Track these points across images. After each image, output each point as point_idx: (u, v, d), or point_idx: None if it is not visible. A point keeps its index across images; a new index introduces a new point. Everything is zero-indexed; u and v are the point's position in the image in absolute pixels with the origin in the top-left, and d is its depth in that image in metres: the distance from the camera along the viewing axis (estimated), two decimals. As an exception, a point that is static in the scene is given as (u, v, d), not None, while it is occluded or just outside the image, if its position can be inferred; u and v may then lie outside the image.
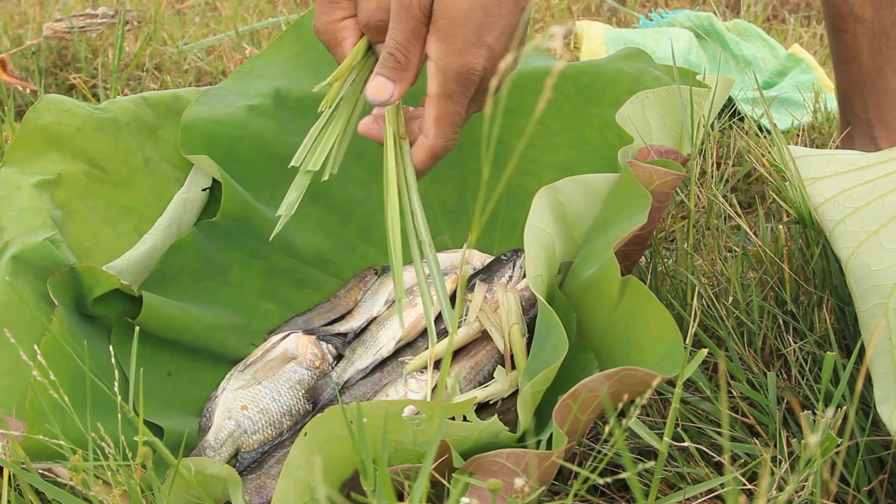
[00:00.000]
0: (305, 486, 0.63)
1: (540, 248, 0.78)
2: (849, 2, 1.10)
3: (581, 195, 0.82)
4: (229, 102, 1.01)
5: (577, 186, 0.82)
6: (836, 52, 1.14)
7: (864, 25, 1.10)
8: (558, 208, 0.81)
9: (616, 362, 0.71)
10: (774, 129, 0.92)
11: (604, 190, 0.83)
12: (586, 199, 0.82)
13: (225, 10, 2.13)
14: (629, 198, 0.77)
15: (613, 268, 0.71)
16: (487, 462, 0.63)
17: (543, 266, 0.77)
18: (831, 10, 1.12)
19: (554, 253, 0.80)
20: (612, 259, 0.71)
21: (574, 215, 0.82)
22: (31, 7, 2.09)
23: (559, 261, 0.82)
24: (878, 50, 1.11)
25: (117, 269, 0.87)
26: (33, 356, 0.68)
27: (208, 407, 0.87)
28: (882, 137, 1.14)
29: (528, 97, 1.06)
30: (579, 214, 0.82)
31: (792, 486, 0.55)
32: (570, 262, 0.83)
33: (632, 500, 0.75)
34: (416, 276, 0.77)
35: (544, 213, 0.80)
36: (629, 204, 0.76)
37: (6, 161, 0.89)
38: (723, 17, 2.21)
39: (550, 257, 0.80)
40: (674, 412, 0.59)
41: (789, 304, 0.88)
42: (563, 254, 0.82)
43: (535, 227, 0.79)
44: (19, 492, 0.73)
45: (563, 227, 0.82)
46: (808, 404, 0.80)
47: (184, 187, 0.97)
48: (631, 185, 0.77)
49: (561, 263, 0.82)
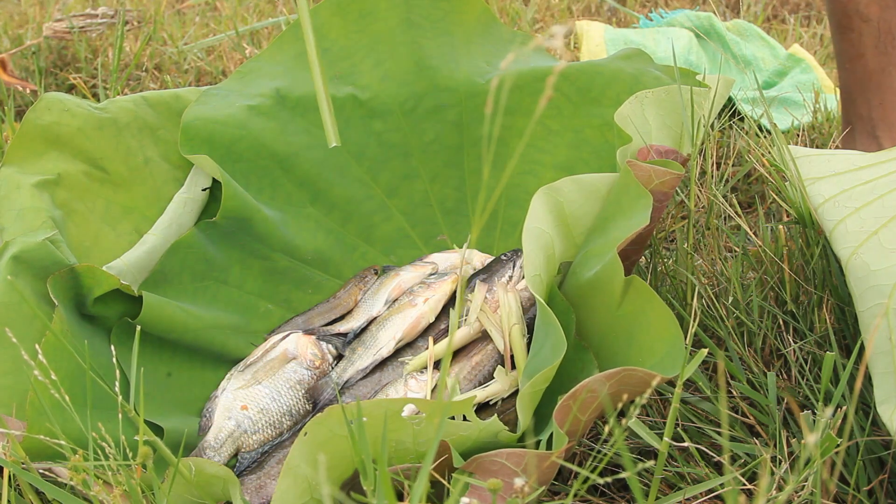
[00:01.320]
0: (305, 485, 0.63)
1: (539, 248, 0.78)
2: (854, 1, 1.10)
3: (580, 195, 0.82)
4: (229, 102, 1.01)
5: (576, 186, 0.82)
6: (841, 51, 1.14)
7: (869, 25, 1.10)
8: (557, 208, 0.81)
9: (617, 363, 0.71)
10: (774, 128, 0.92)
11: (603, 189, 0.83)
12: (585, 198, 0.82)
13: (225, 10, 2.13)
14: (628, 197, 0.77)
15: (617, 268, 0.71)
16: (487, 462, 0.63)
17: (542, 266, 0.77)
18: (837, 8, 1.12)
19: (553, 253, 0.80)
20: (615, 259, 0.71)
21: (573, 215, 0.82)
22: (31, 7, 2.09)
23: (559, 261, 0.82)
24: (882, 49, 1.11)
25: (117, 269, 0.87)
26: (34, 355, 0.68)
27: (208, 407, 0.87)
28: (885, 136, 1.14)
29: (527, 97, 1.06)
30: (578, 214, 0.82)
31: (791, 485, 0.55)
32: (570, 262, 0.83)
33: (632, 500, 0.75)
34: (416, 276, 0.77)
35: (543, 213, 0.80)
36: (629, 204, 0.76)
37: (6, 161, 0.89)
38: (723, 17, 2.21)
39: (549, 257, 0.79)
40: (673, 412, 0.59)
41: (789, 304, 0.88)
42: (562, 254, 0.82)
43: (533, 228, 0.78)
44: (19, 491, 0.73)
45: (563, 227, 0.82)
46: (808, 404, 0.80)
47: (184, 187, 0.97)
48: (630, 185, 0.77)
49: (560, 264, 0.82)
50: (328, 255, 1.02)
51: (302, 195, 1.02)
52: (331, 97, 1.05)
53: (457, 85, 1.07)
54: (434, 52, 1.08)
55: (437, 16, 1.09)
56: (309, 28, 0.79)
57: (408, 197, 1.07)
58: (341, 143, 1.04)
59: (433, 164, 1.07)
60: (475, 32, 1.11)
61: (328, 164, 1.04)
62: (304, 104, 1.04)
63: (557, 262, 0.81)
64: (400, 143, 1.07)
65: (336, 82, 1.06)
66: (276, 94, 1.03)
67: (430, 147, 1.07)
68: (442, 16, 1.09)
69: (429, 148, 1.07)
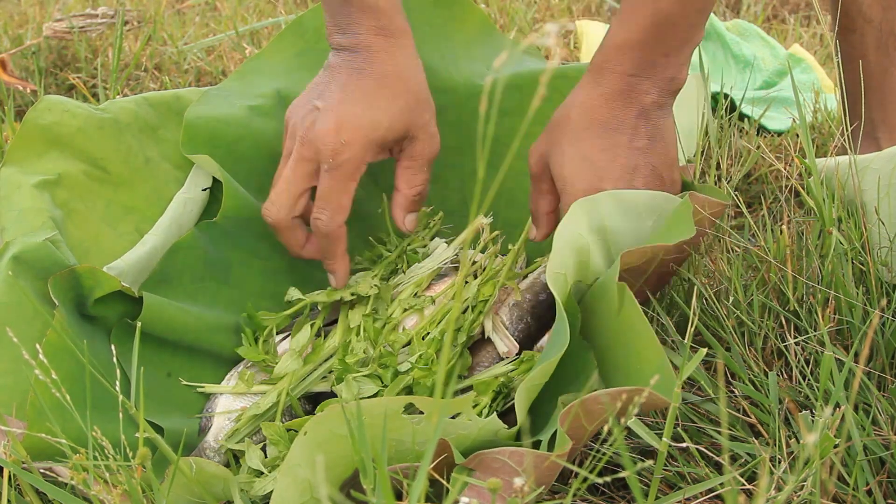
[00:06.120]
0: (305, 485, 0.63)
1: (571, 249, 0.75)
2: (857, 1, 1.10)
3: (618, 210, 0.79)
4: (231, 102, 1.01)
5: (615, 202, 0.79)
6: (842, 52, 1.14)
7: (871, 25, 1.10)
8: (598, 221, 0.78)
9: (617, 366, 0.71)
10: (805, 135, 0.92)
11: (641, 207, 0.80)
12: (624, 215, 0.80)
13: (225, 10, 2.13)
14: (678, 230, 0.75)
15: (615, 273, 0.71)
16: (489, 459, 0.63)
17: (571, 267, 0.75)
18: (839, 9, 1.12)
19: (588, 260, 0.77)
20: (616, 265, 0.71)
21: (613, 230, 0.79)
22: (31, 7, 2.09)
23: (595, 275, 0.79)
24: (884, 51, 1.11)
25: (118, 269, 0.87)
26: (35, 355, 0.68)
27: (208, 407, 0.87)
28: (884, 138, 1.14)
29: (526, 98, 1.06)
30: (618, 230, 0.80)
31: (791, 486, 0.55)
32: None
33: (631, 500, 0.75)
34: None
35: (582, 221, 0.77)
36: (677, 234, 0.74)
37: (7, 161, 0.89)
38: (723, 17, 2.21)
39: (582, 263, 0.77)
40: (673, 412, 0.59)
41: (791, 302, 0.88)
42: (600, 269, 0.79)
43: (570, 230, 0.75)
44: (20, 491, 0.73)
45: (602, 241, 0.79)
46: (808, 404, 0.80)
47: (184, 187, 0.97)
48: (685, 216, 0.75)
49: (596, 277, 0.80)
50: (328, 255, 1.02)
51: (302, 195, 1.02)
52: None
53: (456, 86, 1.07)
54: (434, 55, 1.08)
55: (437, 22, 1.09)
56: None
57: (408, 197, 1.07)
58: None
59: (433, 166, 1.07)
60: (475, 39, 1.11)
61: (328, 164, 1.04)
62: (304, 104, 1.04)
63: (593, 273, 0.79)
64: (400, 144, 1.07)
65: (336, 82, 1.06)
66: (276, 95, 1.03)
67: (430, 147, 1.07)
68: (442, 22, 1.10)
69: (429, 148, 1.07)
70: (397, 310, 0.91)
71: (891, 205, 0.87)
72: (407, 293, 0.93)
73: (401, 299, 0.92)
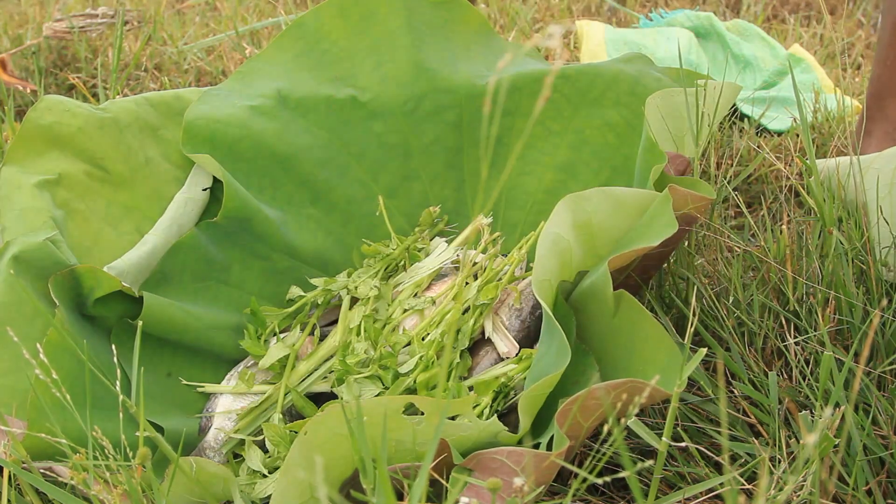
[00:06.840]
0: (305, 485, 0.63)
1: (554, 253, 0.76)
2: None
3: (608, 206, 0.80)
4: (231, 102, 1.01)
5: (605, 198, 0.79)
6: (886, 48, 1.14)
7: None
8: (584, 217, 0.79)
9: (618, 369, 0.71)
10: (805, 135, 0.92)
11: (631, 204, 0.81)
12: (614, 211, 0.80)
13: (225, 10, 2.13)
14: (659, 225, 0.75)
15: (607, 280, 0.71)
16: (488, 459, 0.63)
17: (554, 272, 0.75)
18: (894, 7, 1.12)
19: (570, 260, 0.78)
20: (606, 271, 0.71)
21: (600, 226, 0.79)
22: (31, 7, 2.09)
23: (576, 269, 0.80)
24: None
25: (118, 269, 0.87)
26: (35, 355, 0.68)
27: (208, 407, 0.87)
28: None
29: (527, 99, 1.06)
30: (606, 226, 0.80)
31: (790, 485, 0.55)
32: (586, 271, 0.82)
33: (631, 500, 0.75)
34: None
35: (566, 219, 0.77)
36: (658, 231, 0.75)
37: (7, 161, 0.89)
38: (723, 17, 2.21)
39: (565, 264, 0.77)
40: (672, 412, 0.59)
41: (791, 302, 0.88)
42: (580, 263, 0.80)
43: (552, 233, 0.76)
44: (20, 491, 0.73)
45: (586, 236, 0.79)
46: (808, 404, 0.80)
47: (184, 187, 0.97)
48: (664, 210, 0.75)
49: (577, 272, 0.81)
50: (328, 255, 1.03)
51: (302, 195, 1.03)
52: (332, 98, 1.05)
53: (456, 87, 1.07)
54: (434, 55, 1.08)
55: (437, 23, 1.10)
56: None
57: (408, 198, 1.07)
58: (343, 143, 1.05)
59: (433, 166, 1.07)
60: (474, 41, 1.12)
61: (329, 164, 1.04)
62: (304, 105, 1.04)
63: (575, 270, 0.80)
64: (400, 145, 1.07)
65: (337, 84, 1.06)
66: (277, 95, 1.03)
67: (430, 148, 1.07)
68: (442, 23, 1.10)
69: (429, 149, 1.07)
70: (397, 310, 0.92)
71: (892, 204, 0.87)
72: (407, 293, 0.93)
73: (401, 300, 0.93)
